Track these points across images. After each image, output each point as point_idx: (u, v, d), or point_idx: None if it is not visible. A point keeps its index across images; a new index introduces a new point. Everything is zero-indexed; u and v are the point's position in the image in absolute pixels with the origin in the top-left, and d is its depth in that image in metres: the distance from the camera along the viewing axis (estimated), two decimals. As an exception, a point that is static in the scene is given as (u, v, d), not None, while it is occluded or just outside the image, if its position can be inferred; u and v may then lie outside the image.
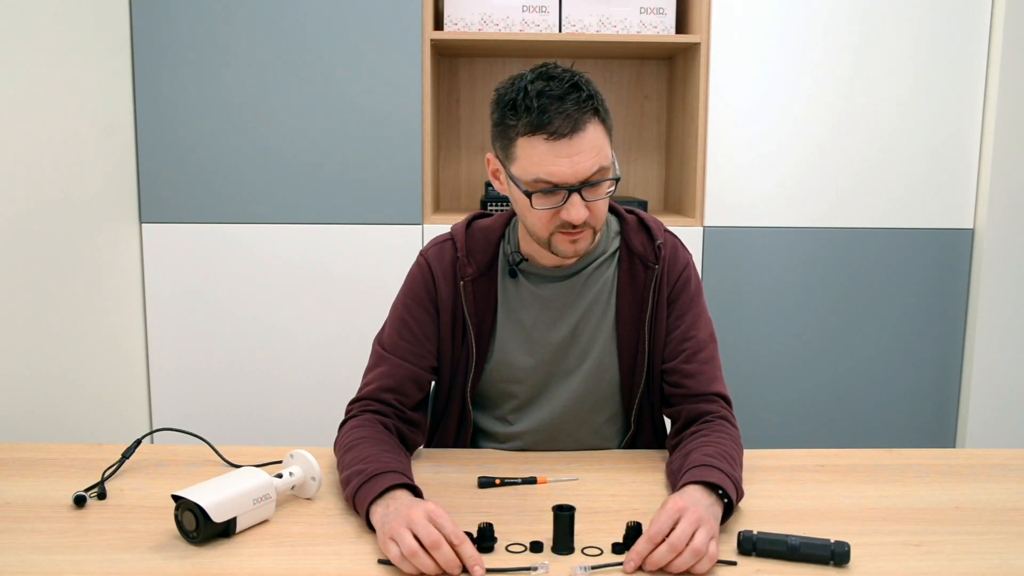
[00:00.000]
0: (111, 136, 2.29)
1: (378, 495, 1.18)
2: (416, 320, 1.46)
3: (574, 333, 1.47)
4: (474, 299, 1.45)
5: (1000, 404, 2.55)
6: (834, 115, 2.47)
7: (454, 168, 2.85)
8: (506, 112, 1.31)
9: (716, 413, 1.40)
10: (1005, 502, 1.31)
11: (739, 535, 1.13)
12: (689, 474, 1.22)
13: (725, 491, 1.19)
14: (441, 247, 1.49)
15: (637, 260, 1.46)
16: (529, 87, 1.29)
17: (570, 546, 1.14)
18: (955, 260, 2.54)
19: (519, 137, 1.30)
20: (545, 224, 1.34)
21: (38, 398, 1.95)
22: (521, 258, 1.47)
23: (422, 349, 1.46)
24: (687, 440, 1.37)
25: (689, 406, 1.42)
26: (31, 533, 1.18)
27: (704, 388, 1.42)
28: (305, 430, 2.50)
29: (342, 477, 1.29)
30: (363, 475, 1.22)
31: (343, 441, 1.35)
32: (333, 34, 2.39)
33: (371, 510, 1.18)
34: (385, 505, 1.17)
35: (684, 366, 1.43)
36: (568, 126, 1.27)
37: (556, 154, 1.28)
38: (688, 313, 1.46)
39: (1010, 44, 2.42)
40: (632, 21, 2.47)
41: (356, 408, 1.43)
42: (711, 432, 1.36)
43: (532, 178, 1.30)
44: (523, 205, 1.34)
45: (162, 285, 2.46)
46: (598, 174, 1.31)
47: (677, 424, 1.44)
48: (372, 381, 1.45)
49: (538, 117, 1.27)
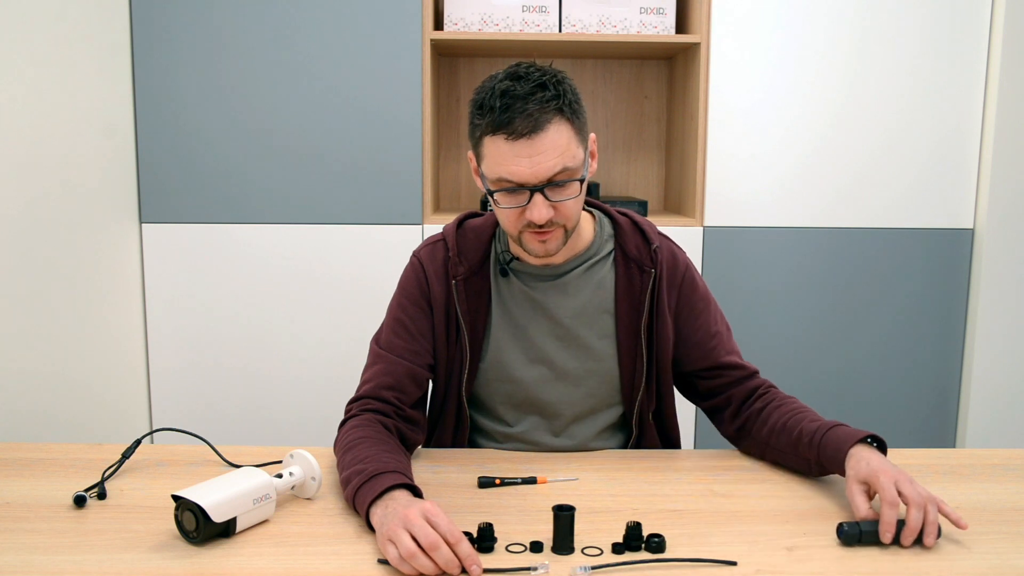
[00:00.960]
0: (111, 136, 2.29)
1: (377, 496, 1.18)
2: (411, 318, 1.46)
3: (569, 335, 1.47)
4: (466, 298, 1.46)
5: (1000, 404, 2.55)
6: (834, 115, 2.47)
7: (454, 168, 2.85)
8: (475, 111, 1.33)
9: (764, 384, 1.50)
10: (1005, 502, 1.31)
11: (841, 527, 1.16)
12: (833, 440, 1.30)
13: (875, 437, 1.29)
14: (433, 247, 1.49)
15: (633, 264, 1.46)
16: (496, 86, 1.30)
17: (570, 546, 1.14)
18: (955, 260, 2.54)
19: (484, 136, 1.31)
20: (513, 223, 1.35)
21: (38, 398, 1.95)
22: (511, 257, 1.47)
23: (418, 347, 1.46)
24: (762, 414, 1.45)
25: (736, 390, 1.50)
26: (31, 533, 1.18)
27: (741, 372, 1.50)
28: (305, 430, 2.50)
29: (342, 477, 1.28)
30: (363, 475, 1.22)
31: (343, 441, 1.35)
32: (333, 34, 2.39)
33: (371, 511, 1.18)
34: (384, 506, 1.17)
35: (720, 359, 1.50)
36: (528, 126, 1.27)
37: (516, 154, 1.28)
38: (703, 313, 1.50)
39: (1010, 44, 2.42)
40: (632, 21, 2.47)
41: (355, 407, 1.43)
42: (782, 401, 1.45)
43: (495, 176, 1.32)
44: (493, 203, 1.37)
45: (162, 285, 2.46)
46: (562, 174, 1.30)
47: (729, 409, 1.50)
48: (370, 379, 1.45)
49: (499, 116, 1.28)
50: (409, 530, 1.08)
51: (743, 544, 1.16)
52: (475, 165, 1.40)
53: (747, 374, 1.51)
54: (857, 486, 1.21)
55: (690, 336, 1.49)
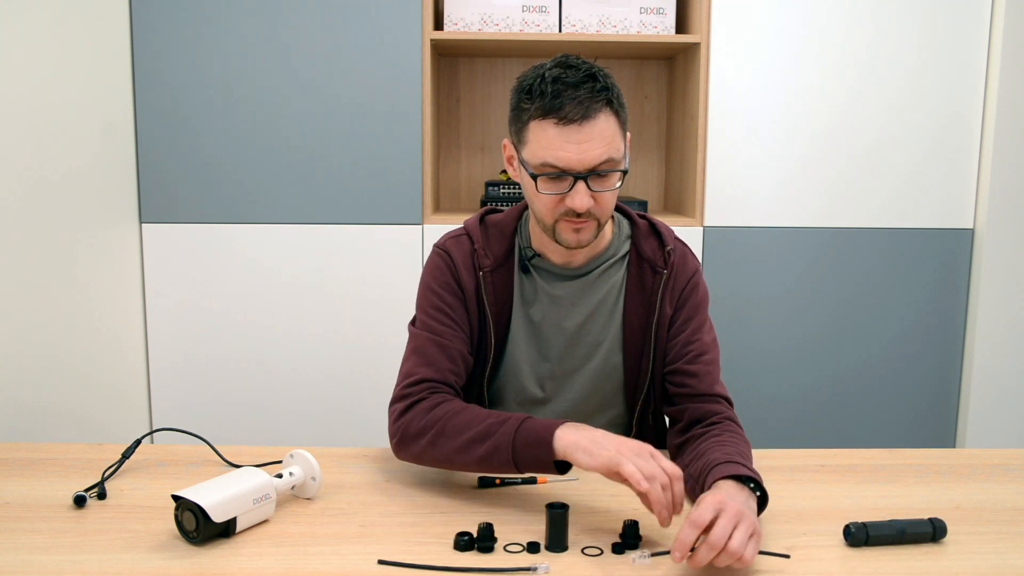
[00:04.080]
0: (111, 136, 2.30)
1: (555, 426, 1.21)
2: (449, 306, 1.44)
3: (580, 332, 1.47)
4: (494, 290, 1.45)
5: (1000, 404, 2.55)
6: (834, 115, 2.47)
7: (454, 168, 2.85)
8: (522, 96, 1.33)
9: (722, 414, 1.41)
10: (1005, 502, 1.31)
11: (848, 529, 1.16)
12: (717, 470, 1.21)
13: (758, 484, 1.19)
14: (457, 240, 1.48)
15: (646, 265, 1.46)
16: (547, 73, 1.31)
17: (564, 544, 1.14)
18: (955, 260, 2.54)
19: (531, 120, 1.31)
20: (550, 210, 1.35)
21: (38, 398, 1.95)
22: (533, 253, 1.47)
23: (463, 334, 1.44)
24: (698, 441, 1.36)
25: (693, 406, 1.42)
26: (31, 533, 1.18)
27: (708, 389, 1.43)
28: (305, 430, 2.50)
29: (467, 437, 1.26)
30: (515, 420, 1.24)
31: (440, 415, 1.30)
32: (333, 34, 2.39)
33: (558, 434, 1.20)
34: (575, 428, 1.21)
35: (689, 367, 1.44)
36: (579, 113, 1.28)
37: (565, 139, 1.29)
38: (695, 318, 1.47)
39: (1010, 44, 2.42)
40: (632, 21, 2.47)
41: (420, 390, 1.36)
42: (722, 432, 1.36)
43: (540, 161, 1.31)
44: (531, 190, 1.36)
45: (162, 285, 2.46)
46: (606, 164, 1.31)
47: (680, 424, 1.44)
48: (430, 363, 1.39)
49: (551, 101, 1.28)
50: (654, 458, 1.14)
51: (743, 544, 1.16)
52: (511, 153, 1.40)
53: (710, 395, 1.42)
54: (699, 504, 1.11)
55: (675, 333, 1.47)
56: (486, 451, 1.25)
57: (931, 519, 1.17)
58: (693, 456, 1.33)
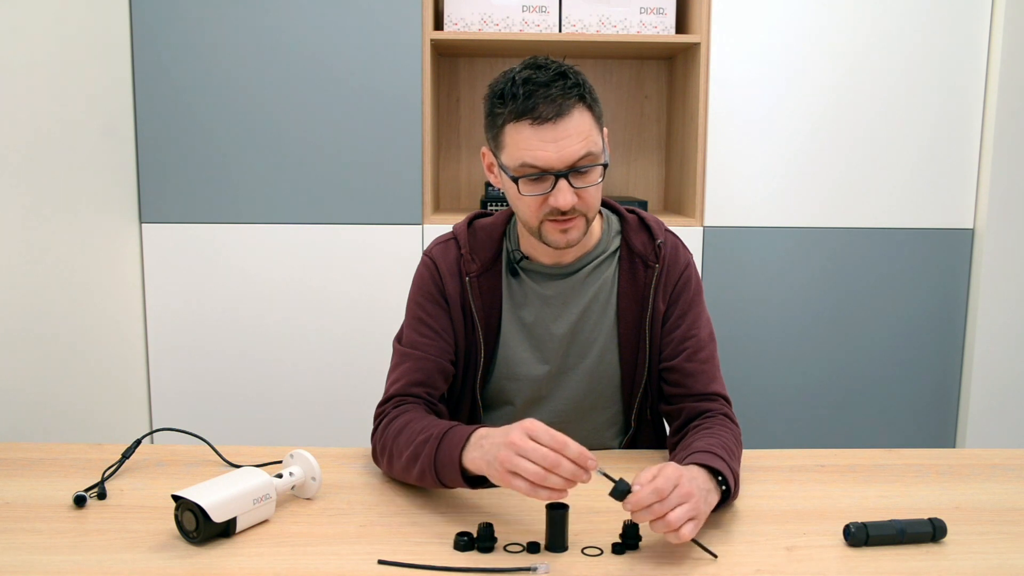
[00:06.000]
0: (111, 136, 2.30)
1: (464, 443, 1.19)
2: (431, 315, 1.46)
3: (574, 331, 1.47)
4: (480, 295, 1.46)
5: (1000, 404, 2.55)
6: (834, 115, 2.47)
7: (454, 168, 2.85)
8: (495, 101, 1.34)
9: (717, 410, 1.41)
10: (1005, 502, 1.31)
11: (848, 528, 1.16)
12: (691, 458, 1.22)
13: (725, 479, 1.19)
14: (445, 245, 1.49)
15: (638, 259, 1.46)
16: (517, 76, 1.32)
17: (564, 544, 1.14)
18: (955, 260, 2.54)
19: (506, 124, 1.32)
20: (534, 212, 1.35)
21: (38, 398, 1.95)
22: (522, 256, 1.47)
23: (442, 343, 1.45)
24: (689, 434, 1.37)
25: (690, 405, 1.42)
26: (31, 533, 1.18)
27: (704, 388, 1.43)
28: (305, 430, 2.50)
29: (405, 457, 1.27)
30: (434, 438, 1.23)
31: (391, 433, 1.34)
32: (333, 34, 2.39)
33: (465, 457, 1.18)
34: (478, 447, 1.17)
35: (685, 365, 1.43)
36: (553, 111, 1.28)
37: (541, 138, 1.29)
38: (689, 312, 1.46)
39: (1010, 44, 2.42)
40: (632, 21, 2.47)
41: (388, 407, 1.42)
42: (713, 426, 1.36)
43: (519, 163, 1.31)
44: (513, 194, 1.36)
45: (162, 285, 2.46)
46: (585, 159, 1.31)
47: (677, 422, 1.44)
48: (399, 378, 1.44)
49: (523, 103, 1.29)
50: (524, 455, 1.08)
51: (743, 544, 1.16)
52: (490, 160, 1.40)
53: (706, 393, 1.42)
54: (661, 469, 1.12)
55: (669, 329, 1.47)
56: (418, 473, 1.26)
57: (931, 519, 1.17)
58: (681, 448, 1.34)
